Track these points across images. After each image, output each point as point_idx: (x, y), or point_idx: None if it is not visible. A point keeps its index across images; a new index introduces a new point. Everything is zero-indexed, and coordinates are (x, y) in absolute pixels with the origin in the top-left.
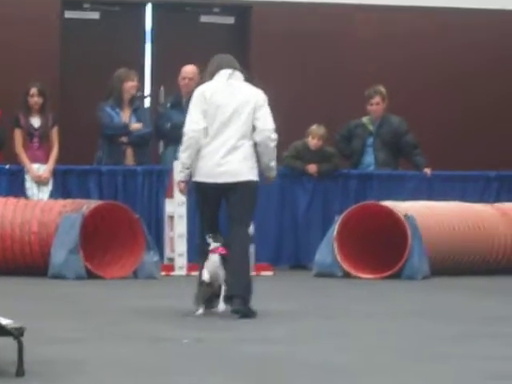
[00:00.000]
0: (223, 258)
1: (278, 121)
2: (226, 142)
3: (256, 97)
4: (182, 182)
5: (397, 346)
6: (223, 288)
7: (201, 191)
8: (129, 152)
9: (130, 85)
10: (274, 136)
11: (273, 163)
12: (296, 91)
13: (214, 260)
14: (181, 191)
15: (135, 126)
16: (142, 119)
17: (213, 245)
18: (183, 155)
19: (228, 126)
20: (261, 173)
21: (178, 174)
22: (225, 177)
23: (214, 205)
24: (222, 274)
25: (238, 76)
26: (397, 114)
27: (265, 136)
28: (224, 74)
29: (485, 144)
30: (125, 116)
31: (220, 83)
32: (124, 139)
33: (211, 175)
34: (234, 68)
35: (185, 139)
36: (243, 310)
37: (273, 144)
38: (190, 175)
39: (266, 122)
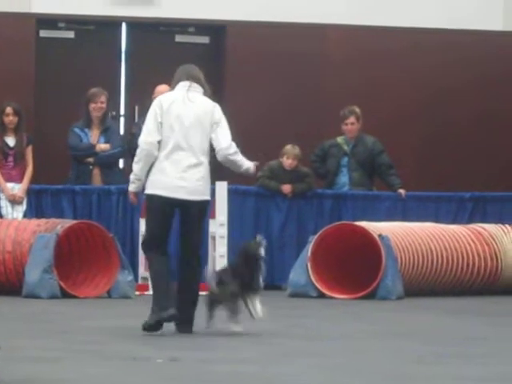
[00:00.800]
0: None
1: (251, 139)
2: (187, 158)
3: (212, 111)
4: (133, 192)
5: (370, 367)
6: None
7: (154, 205)
8: (95, 172)
9: (93, 106)
10: (233, 150)
11: (244, 166)
12: (270, 110)
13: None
14: (132, 202)
15: (102, 146)
16: (111, 139)
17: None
18: (136, 166)
19: (188, 139)
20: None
21: (130, 185)
22: (183, 193)
23: (166, 220)
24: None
25: (197, 89)
26: (371, 134)
27: (224, 155)
28: (183, 85)
29: (460, 164)
30: (94, 136)
31: (178, 95)
32: (90, 160)
33: (169, 189)
34: (195, 80)
35: (138, 151)
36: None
37: (235, 156)
38: (142, 187)
39: (221, 141)
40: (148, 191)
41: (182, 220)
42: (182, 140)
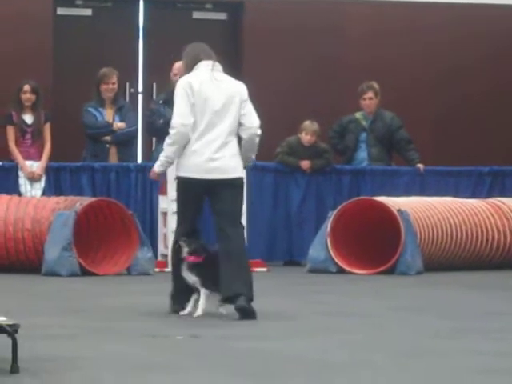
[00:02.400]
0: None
1: (270, 116)
2: (217, 138)
3: (240, 90)
4: (158, 173)
5: (390, 342)
6: (203, 292)
7: (187, 187)
8: (112, 151)
9: (105, 87)
10: (259, 132)
11: (254, 156)
12: (288, 86)
13: (183, 268)
14: (153, 178)
15: (118, 124)
16: (125, 118)
17: (184, 250)
18: (169, 149)
19: (218, 120)
20: None
21: (158, 166)
22: (216, 173)
23: (198, 202)
24: (193, 279)
25: (219, 68)
26: (389, 109)
27: (252, 133)
28: (206, 65)
29: (478, 139)
30: (108, 115)
31: (205, 75)
32: (107, 138)
33: (201, 171)
34: (214, 58)
35: (173, 133)
36: (248, 307)
37: (257, 140)
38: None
39: (252, 119)
40: (180, 174)
41: (218, 200)
42: (212, 121)
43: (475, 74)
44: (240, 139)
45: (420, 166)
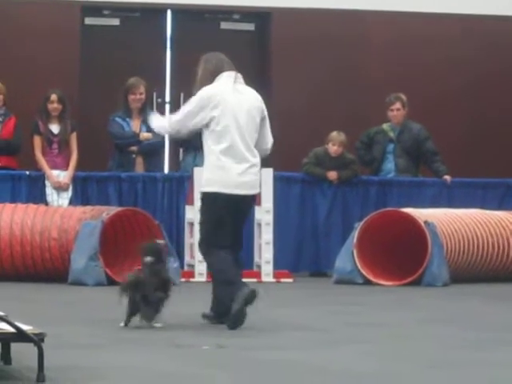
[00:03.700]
0: None
1: (297, 126)
2: (244, 152)
3: (261, 104)
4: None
5: (416, 353)
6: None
7: (217, 203)
8: (139, 161)
9: (133, 98)
10: (269, 152)
11: None
12: (316, 97)
13: None
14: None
15: (145, 135)
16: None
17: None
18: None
19: (243, 133)
20: None
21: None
22: (244, 188)
23: (228, 218)
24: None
25: (241, 79)
26: (415, 120)
27: (265, 154)
28: (228, 76)
29: (505, 150)
30: (135, 125)
31: (227, 87)
32: (134, 148)
33: (232, 186)
34: (235, 69)
35: (176, 119)
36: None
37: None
38: None
39: (268, 140)
40: (208, 189)
41: (236, 213)
42: (238, 135)
43: (505, 84)
44: None
45: (447, 177)
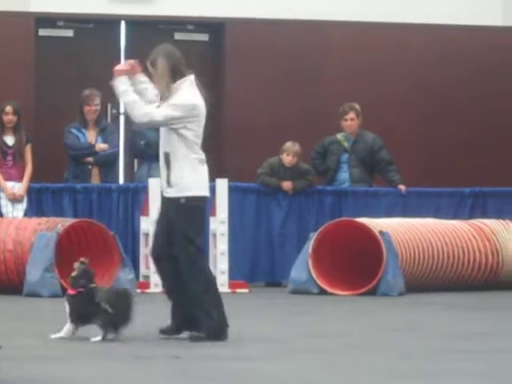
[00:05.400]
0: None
1: (251, 137)
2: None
3: None
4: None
5: (373, 363)
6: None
7: (202, 206)
8: (95, 172)
9: (88, 109)
10: None
11: None
12: (270, 107)
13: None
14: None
15: (101, 146)
16: (108, 139)
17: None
18: (131, 106)
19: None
20: None
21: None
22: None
23: None
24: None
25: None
26: (370, 130)
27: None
28: (192, 81)
29: (459, 160)
30: (91, 137)
31: (198, 93)
32: (90, 159)
33: (207, 189)
34: (188, 68)
35: (154, 117)
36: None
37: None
38: None
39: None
40: (196, 193)
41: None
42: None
43: (453, 95)
44: None
45: (402, 187)
